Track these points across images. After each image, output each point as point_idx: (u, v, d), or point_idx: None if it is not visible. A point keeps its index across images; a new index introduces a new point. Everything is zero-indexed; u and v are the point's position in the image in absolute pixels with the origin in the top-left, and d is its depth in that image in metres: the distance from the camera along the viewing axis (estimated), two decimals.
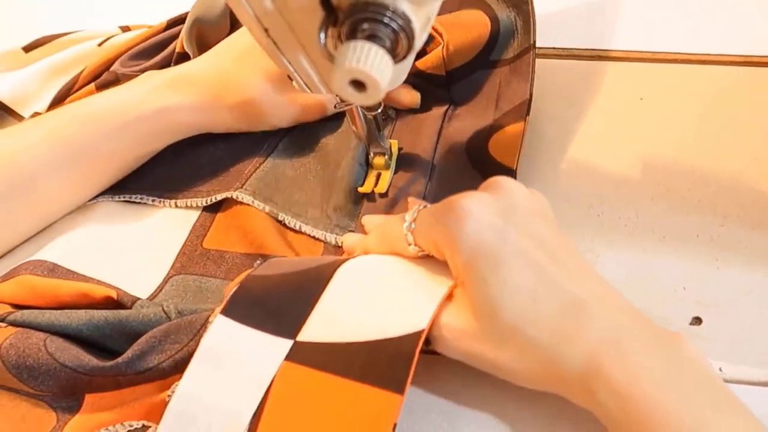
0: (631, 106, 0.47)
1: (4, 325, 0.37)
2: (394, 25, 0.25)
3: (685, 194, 0.42)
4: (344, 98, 0.26)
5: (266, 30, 0.30)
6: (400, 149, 0.45)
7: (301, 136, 0.48)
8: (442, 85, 0.48)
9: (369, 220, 0.41)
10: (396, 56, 0.26)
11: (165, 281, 0.42)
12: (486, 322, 0.30)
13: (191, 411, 0.31)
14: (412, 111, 0.49)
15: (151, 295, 0.41)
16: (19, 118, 0.52)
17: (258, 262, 0.41)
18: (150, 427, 0.34)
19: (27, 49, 0.55)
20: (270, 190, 0.45)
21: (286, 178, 0.46)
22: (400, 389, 0.29)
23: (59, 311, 0.38)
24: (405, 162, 0.45)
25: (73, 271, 0.42)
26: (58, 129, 0.44)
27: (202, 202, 0.46)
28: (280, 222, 0.44)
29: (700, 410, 0.27)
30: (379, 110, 0.39)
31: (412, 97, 0.49)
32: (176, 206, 0.46)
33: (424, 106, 0.49)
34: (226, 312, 0.34)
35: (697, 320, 0.37)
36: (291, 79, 0.34)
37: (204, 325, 0.35)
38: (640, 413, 0.27)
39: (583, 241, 0.41)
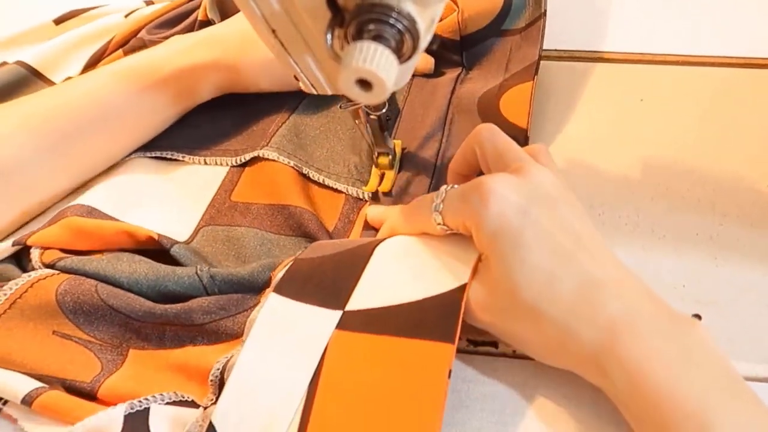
0: (632, 107, 0.48)
1: (56, 272, 0.39)
2: (399, 26, 0.26)
3: (684, 194, 0.42)
4: (351, 97, 0.26)
5: (274, 31, 0.30)
6: (403, 149, 0.46)
7: (322, 97, 0.50)
8: (456, 50, 0.51)
9: (373, 211, 0.42)
10: (401, 56, 0.27)
11: (196, 232, 0.45)
12: (506, 298, 0.31)
13: (252, 381, 0.33)
14: (426, 75, 0.52)
15: (184, 243, 0.43)
16: (49, 82, 0.53)
17: (302, 249, 0.42)
18: (197, 404, 0.35)
19: (57, 21, 0.57)
20: (293, 146, 0.47)
21: (308, 136, 0.48)
22: (451, 339, 0.31)
23: (105, 260, 0.40)
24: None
25: (110, 216, 0.44)
26: (92, 90, 0.45)
27: (231, 161, 0.48)
28: (304, 175, 0.46)
29: (706, 393, 0.27)
30: (384, 110, 0.40)
31: (426, 62, 0.51)
32: (205, 163, 0.49)
33: (438, 71, 0.52)
34: (278, 290, 0.35)
35: (696, 317, 0.37)
36: (297, 80, 0.35)
37: (254, 307, 0.37)
38: (649, 393, 0.28)
39: None
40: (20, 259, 0.42)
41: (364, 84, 0.26)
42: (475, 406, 0.35)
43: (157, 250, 0.42)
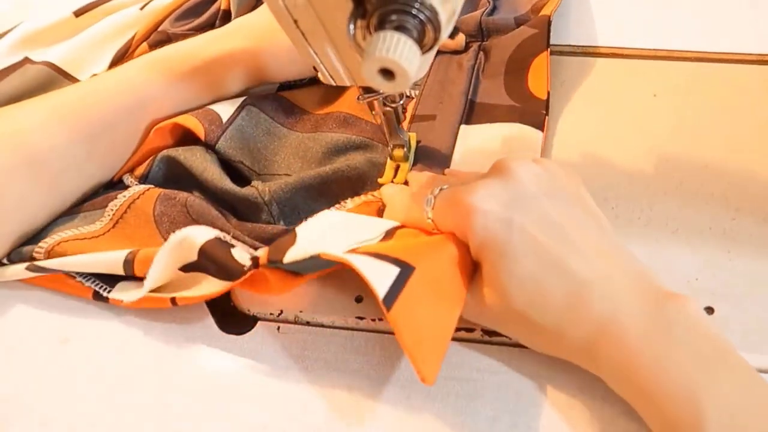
0: (645, 103, 0.48)
1: (147, 187, 0.44)
2: (421, 16, 0.26)
3: (697, 188, 0.43)
4: (374, 87, 0.27)
5: (296, 21, 0.31)
6: (418, 142, 0.46)
7: None
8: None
9: (387, 191, 0.42)
10: (423, 47, 0.27)
11: (243, 106, 0.47)
12: (498, 306, 0.33)
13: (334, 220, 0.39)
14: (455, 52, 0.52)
15: (230, 118, 0.46)
16: (74, 80, 0.53)
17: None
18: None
19: (78, 14, 0.57)
20: None
21: None
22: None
23: (183, 156, 0.44)
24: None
25: None
26: (126, 79, 0.45)
27: None
28: None
29: (694, 372, 0.28)
30: (401, 102, 0.40)
31: (456, 40, 0.52)
32: None
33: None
34: None
35: (709, 310, 0.37)
36: (316, 71, 0.35)
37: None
38: (639, 383, 0.29)
39: None
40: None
41: (387, 73, 0.26)
42: (488, 396, 0.35)
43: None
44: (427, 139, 0.47)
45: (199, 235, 0.37)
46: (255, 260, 0.35)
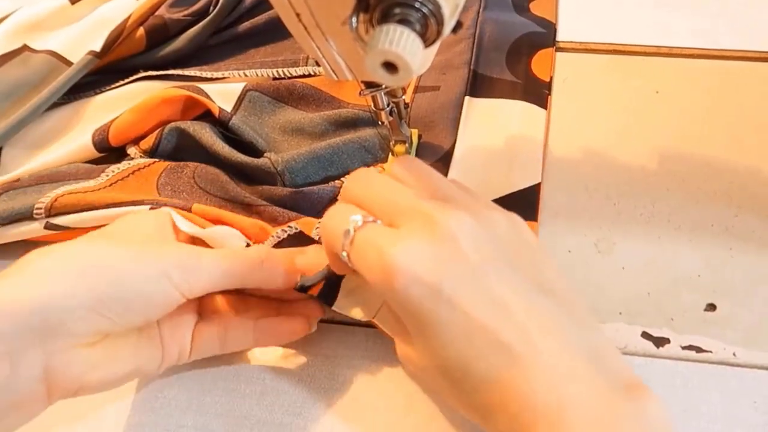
0: (647, 99, 0.48)
1: (155, 160, 0.45)
2: (424, 9, 0.26)
3: (700, 185, 0.43)
4: (376, 80, 0.27)
5: (298, 15, 0.31)
6: (420, 137, 0.46)
7: None
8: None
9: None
10: (426, 41, 0.27)
11: (244, 93, 0.48)
12: (427, 365, 0.29)
13: None
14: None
15: (234, 106, 0.47)
16: (70, 64, 0.53)
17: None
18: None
19: (73, 1, 0.57)
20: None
21: None
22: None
23: (192, 129, 0.45)
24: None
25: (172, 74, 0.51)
26: None
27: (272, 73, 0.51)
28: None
29: None
30: (402, 97, 0.40)
31: None
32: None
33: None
34: None
35: (711, 307, 0.37)
36: (318, 65, 0.35)
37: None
38: None
39: (601, 230, 0.41)
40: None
41: (390, 67, 0.26)
42: None
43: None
44: (431, 109, 0.48)
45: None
46: (302, 288, 0.36)
